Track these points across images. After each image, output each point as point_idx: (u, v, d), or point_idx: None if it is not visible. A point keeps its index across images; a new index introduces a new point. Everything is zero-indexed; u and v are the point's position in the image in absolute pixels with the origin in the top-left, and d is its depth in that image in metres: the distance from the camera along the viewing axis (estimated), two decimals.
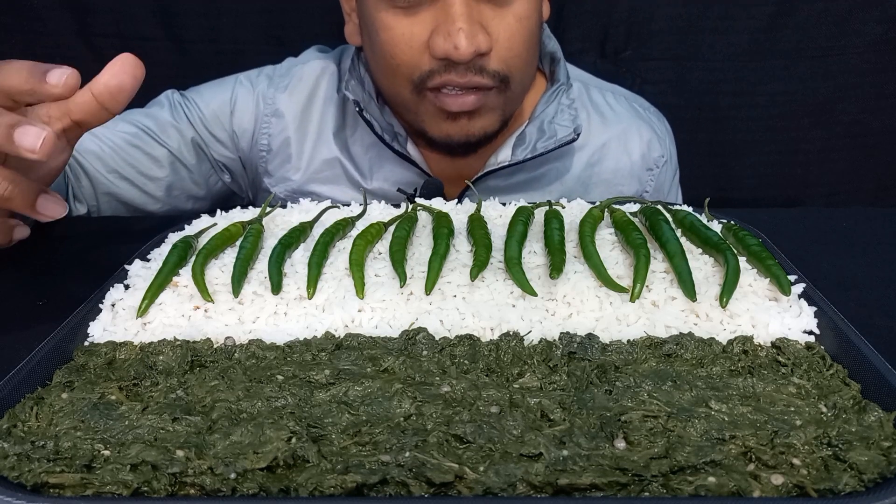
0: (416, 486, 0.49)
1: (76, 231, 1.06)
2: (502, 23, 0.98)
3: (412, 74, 1.01)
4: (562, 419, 0.55)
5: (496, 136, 1.12)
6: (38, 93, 0.63)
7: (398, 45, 1.00)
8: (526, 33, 1.01)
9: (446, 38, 0.95)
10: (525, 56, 1.03)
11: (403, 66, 1.01)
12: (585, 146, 1.20)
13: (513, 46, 1.00)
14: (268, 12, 1.61)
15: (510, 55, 1.01)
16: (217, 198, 1.28)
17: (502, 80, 1.02)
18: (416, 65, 1.00)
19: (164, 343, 0.65)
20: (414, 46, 0.99)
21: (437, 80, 1.00)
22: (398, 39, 0.99)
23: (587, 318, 0.68)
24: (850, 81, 1.63)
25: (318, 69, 1.22)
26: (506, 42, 0.99)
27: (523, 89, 1.09)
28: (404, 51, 0.99)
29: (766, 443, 0.52)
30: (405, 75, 1.02)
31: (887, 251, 0.93)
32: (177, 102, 1.22)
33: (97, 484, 0.49)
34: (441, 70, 0.99)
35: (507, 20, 0.99)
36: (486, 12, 0.98)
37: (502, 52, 1.00)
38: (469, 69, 0.98)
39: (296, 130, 1.20)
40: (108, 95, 0.65)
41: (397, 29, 0.99)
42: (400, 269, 0.74)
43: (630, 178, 1.22)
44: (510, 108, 1.09)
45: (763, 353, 0.63)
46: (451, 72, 0.98)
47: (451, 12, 0.95)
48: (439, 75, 0.99)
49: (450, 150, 1.14)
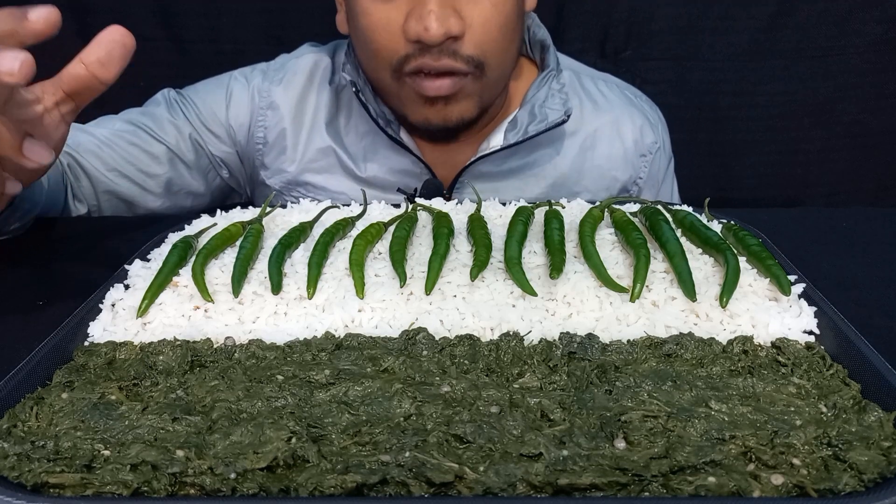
0: (416, 486, 0.49)
1: (76, 231, 1.06)
2: (476, 7, 1.00)
3: (391, 59, 1.03)
4: (562, 419, 0.55)
5: (475, 122, 1.13)
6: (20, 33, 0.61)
7: (376, 30, 1.02)
8: (501, 19, 1.03)
9: (418, 21, 0.97)
10: (501, 42, 1.05)
11: (382, 50, 1.03)
12: (578, 132, 1.20)
13: (487, 31, 1.02)
14: (268, 12, 1.61)
15: (485, 39, 1.02)
16: (216, 194, 1.29)
17: (477, 66, 1.03)
18: (393, 49, 1.02)
19: (164, 343, 0.65)
20: (391, 31, 1.01)
21: (413, 63, 1.02)
22: (376, 24, 1.02)
23: (587, 318, 0.68)
24: (850, 81, 1.63)
25: (312, 62, 1.24)
26: (480, 27, 1.01)
27: (501, 75, 1.11)
28: (383, 35, 1.02)
29: (766, 443, 0.52)
30: (385, 59, 1.04)
31: (887, 251, 0.93)
32: (173, 100, 1.23)
33: (97, 484, 0.49)
34: (416, 54, 1.01)
35: (482, 5, 1.00)
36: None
37: (476, 36, 1.01)
38: (442, 52, 1.00)
39: (291, 122, 1.21)
40: (99, 64, 0.64)
41: (376, 14, 1.02)
42: (400, 269, 0.74)
43: (623, 163, 1.23)
44: (487, 94, 1.10)
45: (763, 353, 0.63)
46: (426, 55, 1.00)
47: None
48: (414, 59, 1.01)
49: (430, 136, 1.16)
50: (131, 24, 0.67)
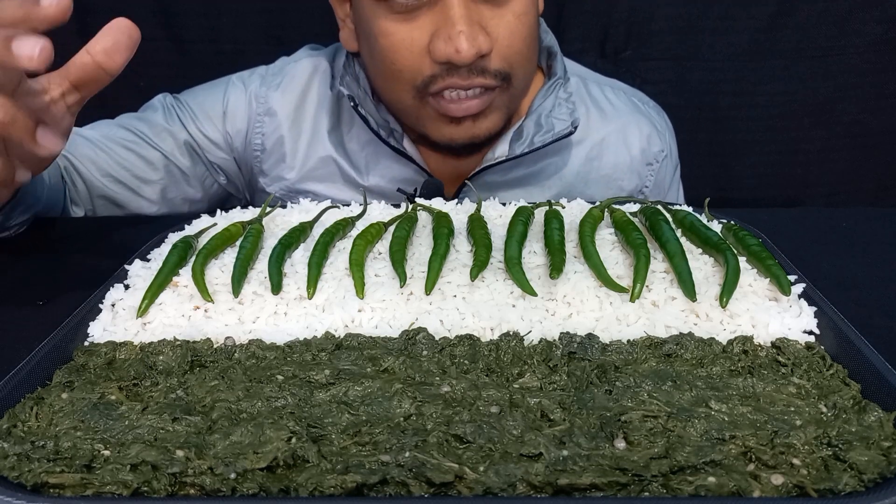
0: (416, 486, 0.49)
1: (76, 231, 1.06)
2: (502, 22, 0.98)
3: (414, 80, 1.01)
4: (562, 419, 0.55)
5: (500, 134, 1.12)
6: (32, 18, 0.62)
7: (399, 50, 0.99)
8: (525, 30, 1.01)
9: (447, 42, 0.95)
10: (526, 52, 1.04)
11: (405, 71, 1.01)
12: (584, 141, 1.19)
13: (513, 44, 1.01)
14: (268, 12, 1.61)
15: (511, 52, 1.01)
16: (214, 200, 1.28)
17: (504, 79, 1.02)
18: (417, 70, 1.00)
19: (164, 343, 0.65)
20: (415, 52, 0.99)
21: (440, 83, 1.00)
22: (398, 45, 0.99)
23: (587, 318, 0.68)
24: (850, 81, 1.63)
25: (311, 67, 1.22)
26: (506, 40, 0.99)
27: (526, 85, 1.10)
28: (405, 56, 0.99)
29: (766, 443, 0.52)
30: (407, 81, 1.02)
31: (887, 251, 0.93)
32: (170, 105, 1.21)
33: (97, 484, 0.49)
34: (443, 74, 0.99)
35: (507, 18, 0.99)
36: (484, 12, 0.98)
37: (503, 50, 1.00)
38: (471, 71, 0.98)
39: (289, 129, 1.20)
40: (105, 54, 0.65)
41: (397, 35, 0.99)
42: (400, 269, 0.74)
43: (629, 173, 1.22)
44: (514, 104, 1.09)
45: (763, 353, 0.63)
46: (454, 75, 0.98)
47: (450, 15, 0.95)
48: (442, 79, 0.99)
49: (452, 151, 1.14)
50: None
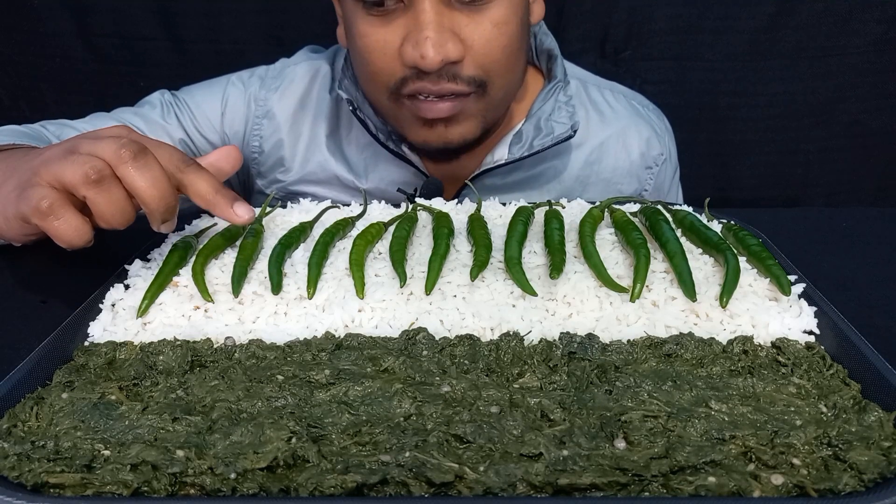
0: (416, 486, 0.49)
1: None
2: (477, 29, 0.96)
3: (388, 81, 1.00)
4: (562, 419, 0.55)
5: (478, 142, 1.10)
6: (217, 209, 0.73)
7: (373, 52, 0.99)
8: (504, 39, 0.98)
9: (414, 47, 0.93)
10: (504, 61, 1.00)
11: (379, 72, 1.00)
12: (584, 144, 1.19)
13: (490, 52, 0.98)
14: (268, 12, 1.61)
15: (487, 60, 0.98)
16: None
17: (479, 85, 0.99)
18: (390, 72, 0.99)
19: (164, 343, 0.65)
20: (387, 54, 0.98)
21: (411, 86, 0.98)
22: (373, 46, 0.99)
23: (587, 318, 0.68)
24: (850, 81, 1.63)
25: (311, 70, 1.21)
26: (482, 48, 0.97)
27: (506, 94, 1.07)
28: (379, 58, 0.99)
29: (766, 443, 0.52)
30: (382, 82, 1.01)
31: (887, 251, 0.93)
32: (168, 103, 1.20)
33: (97, 484, 0.49)
34: (413, 77, 0.97)
35: (483, 26, 0.96)
36: (459, 19, 0.95)
37: (479, 58, 0.97)
38: (441, 76, 0.96)
39: (288, 132, 1.19)
40: (213, 170, 0.76)
41: (372, 36, 0.98)
42: (400, 269, 0.74)
43: (629, 176, 1.21)
44: (492, 114, 1.06)
45: (763, 353, 0.63)
46: (424, 79, 0.97)
47: (420, 20, 0.93)
48: (412, 82, 0.98)
49: (430, 155, 1.13)
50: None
